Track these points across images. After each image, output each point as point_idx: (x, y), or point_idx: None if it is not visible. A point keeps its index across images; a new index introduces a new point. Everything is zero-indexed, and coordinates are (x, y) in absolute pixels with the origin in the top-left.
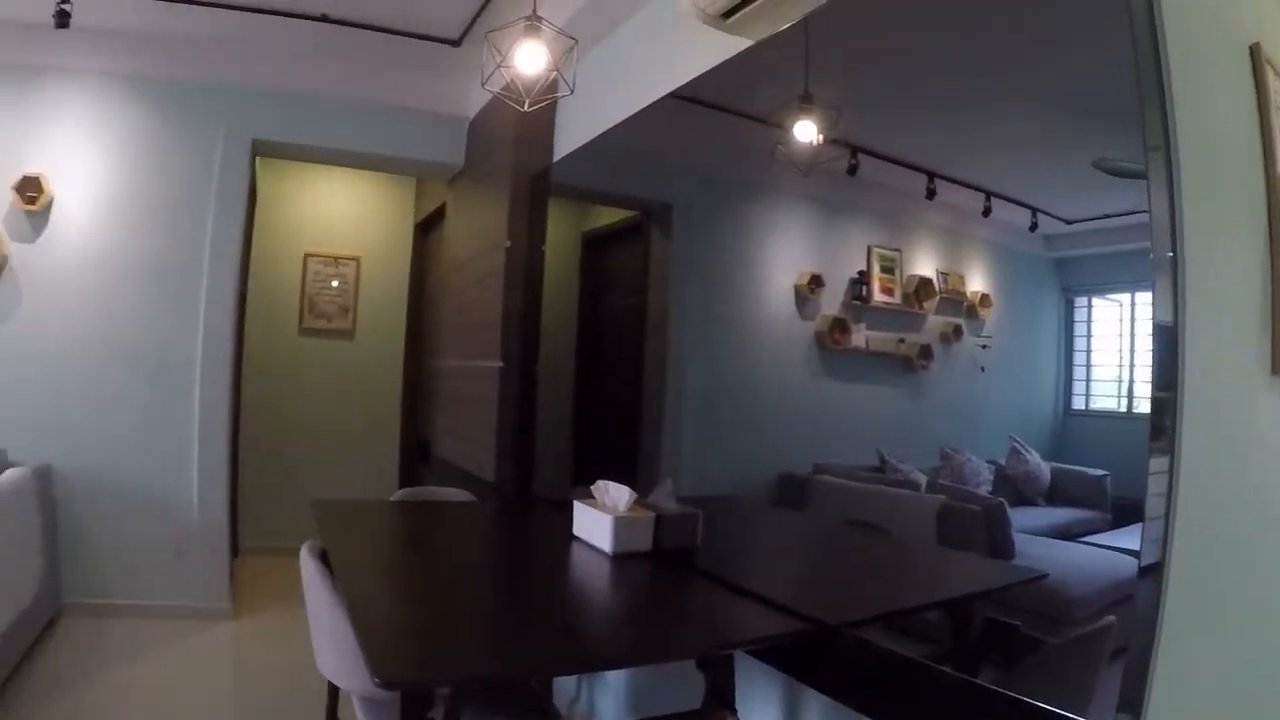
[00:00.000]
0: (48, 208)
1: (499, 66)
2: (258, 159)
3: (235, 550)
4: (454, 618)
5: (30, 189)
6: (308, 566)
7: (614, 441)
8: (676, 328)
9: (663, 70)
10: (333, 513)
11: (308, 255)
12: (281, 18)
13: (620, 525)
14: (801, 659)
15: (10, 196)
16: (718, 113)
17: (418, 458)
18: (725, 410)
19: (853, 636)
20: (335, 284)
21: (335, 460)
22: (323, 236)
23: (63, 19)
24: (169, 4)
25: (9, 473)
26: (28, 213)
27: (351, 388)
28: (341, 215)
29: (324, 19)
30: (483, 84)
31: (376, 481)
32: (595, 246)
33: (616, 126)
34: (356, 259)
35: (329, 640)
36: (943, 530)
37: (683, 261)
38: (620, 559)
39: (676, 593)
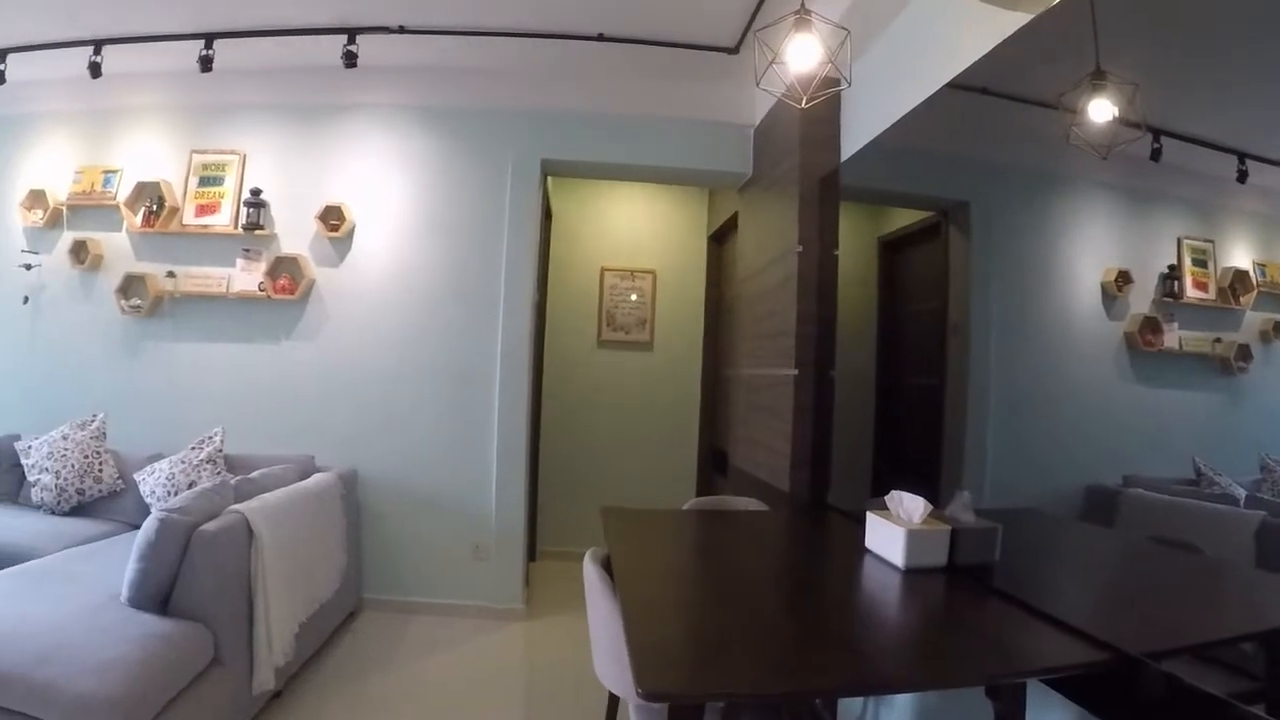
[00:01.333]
0: (350, 234)
1: (771, 64)
2: (551, 178)
3: (533, 554)
4: (731, 630)
5: (333, 217)
6: (589, 574)
7: (913, 450)
8: (978, 331)
9: (945, 57)
10: (621, 519)
11: (604, 269)
12: (560, 40)
13: (913, 539)
14: (1099, 689)
15: (315, 225)
16: (1006, 101)
17: (714, 467)
18: (1029, 417)
19: (1154, 668)
20: (634, 297)
21: (634, 469)
22: (619, 251)
23: (350, 59)
24: (453, 37)
25: (316, 477)
26: (331, 239)
27: (650, 398)
28: (636, 229)
29: (600, 38)
30: (757, 83)
31: (674, 490)
32: (893, 250)
33: (900, 121)
34: (652, 272)
35: (606, 647)
36: (1261, 550)
37: (982, 261)
38: (912, 574)
39: (968, 613)
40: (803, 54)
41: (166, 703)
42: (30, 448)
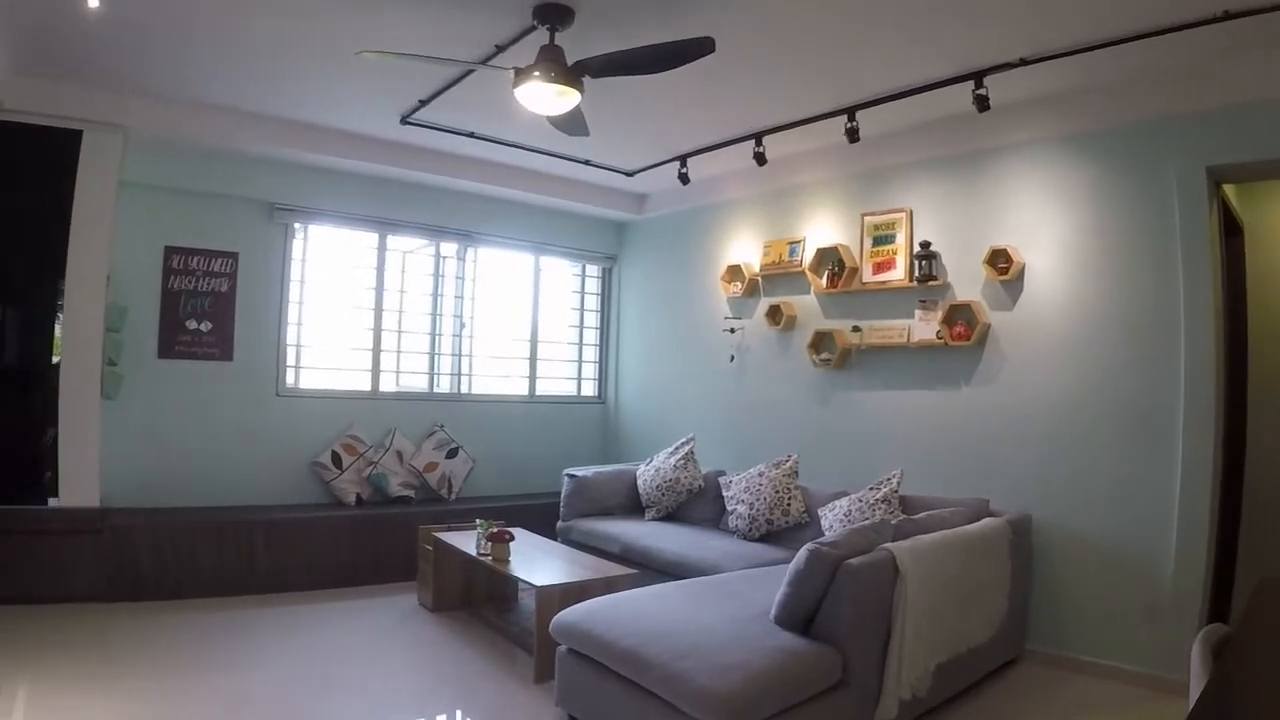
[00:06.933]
0: (1019, 275)
1: None
2: (1234, 186)
3: (1225, 618)
4: None
5: (1000, 260)
6: (1193, 657)
7: None
8: None
9: None
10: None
11: None
12: (1182, 32)
13: None
14: None
15: (984, 270)
16: None
17: None
18: None
19: None
20: None
21: None
22: None
23: (981, 103)
24: (1073, 57)
25: (985, 521)
26: (1002, 283)
27: None
28: None
29: (1226, 16)
30: None
31: None
32: None
33: None
34: None
35: None
36: None
37: None
38: None
39: None
40: None
41: (779, 711)
42: (731, 482)
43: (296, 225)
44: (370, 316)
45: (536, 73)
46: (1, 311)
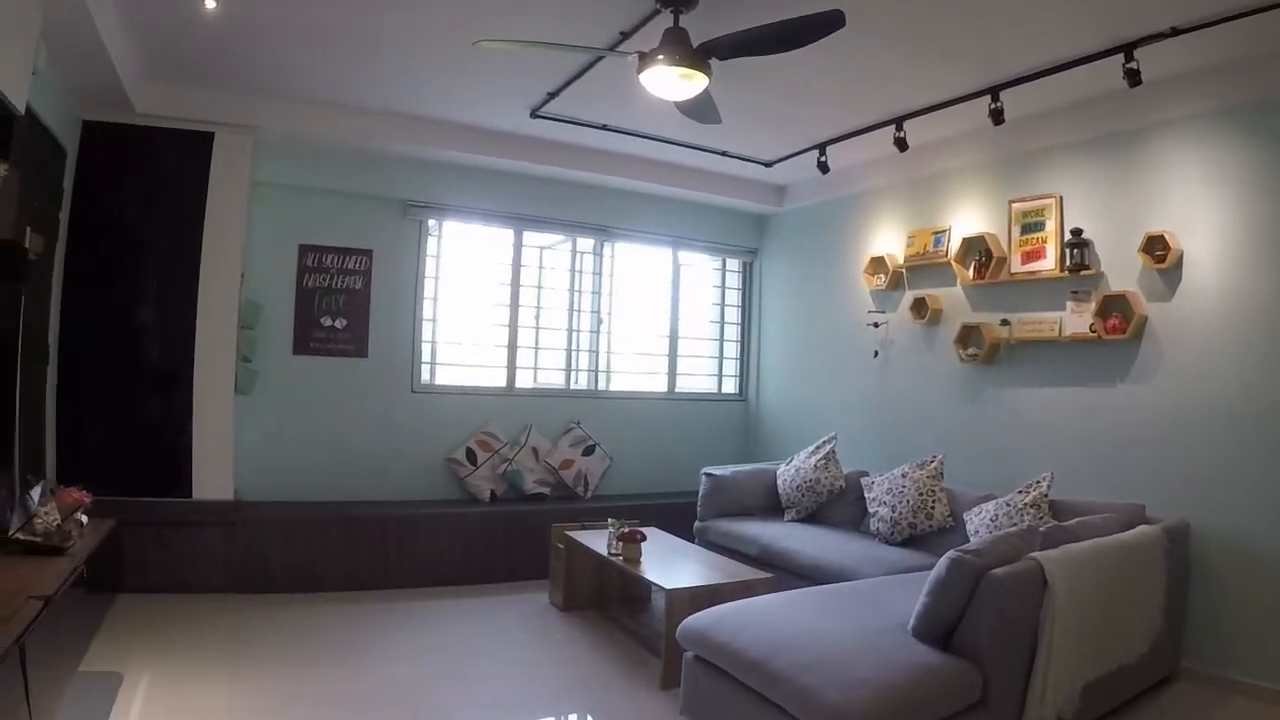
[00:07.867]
0: (1177, 263)
1: None
2: None
3: None
4: None
5: (1157, 248)
6: None
7: None
8: None
9: None
10: None
11: None
12: None
13: None
14: None
15: (1139, 259)
16: None
17: None
18: None
19: None
20: None
21: None
22: None
23: (1133, 78)
24: (1233, 23)
25: (1139, 529)
26: (1159, 271)
27: None
28: None
29: None
30: None
31: None
32: None
33: None
34: None
35: None
36: None
37: None
38: None
39: None
40: None
41: None
42: (874, 483)
43: (430, 222)
44: (506, 313)
45: (660, 56)
46: (147, 311)
